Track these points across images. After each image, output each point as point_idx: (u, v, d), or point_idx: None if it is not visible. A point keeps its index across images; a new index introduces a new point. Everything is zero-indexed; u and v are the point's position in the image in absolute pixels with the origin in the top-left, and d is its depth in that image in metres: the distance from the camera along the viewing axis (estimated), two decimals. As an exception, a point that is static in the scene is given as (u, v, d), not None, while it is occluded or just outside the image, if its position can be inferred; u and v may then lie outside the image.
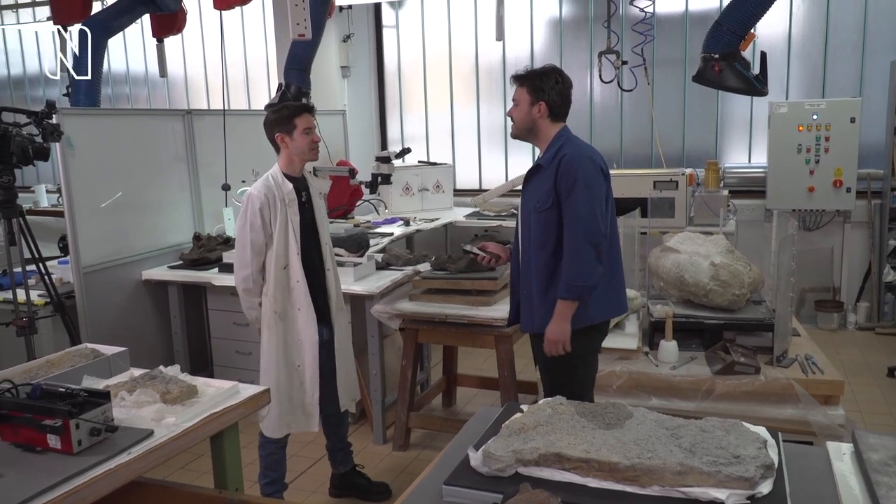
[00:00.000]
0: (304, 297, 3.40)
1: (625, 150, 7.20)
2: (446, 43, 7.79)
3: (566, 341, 2.95)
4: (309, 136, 3.36)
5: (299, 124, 3.34)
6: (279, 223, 3.33)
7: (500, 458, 1.84)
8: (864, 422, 4.49)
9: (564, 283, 2.90)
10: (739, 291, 3.65)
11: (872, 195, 6.39)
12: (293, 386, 3.45)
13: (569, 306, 2.93)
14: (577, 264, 2.88)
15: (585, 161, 2.93)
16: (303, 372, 3.44)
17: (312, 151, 3.41)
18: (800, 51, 6.60)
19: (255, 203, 3.30)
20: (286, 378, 3.43)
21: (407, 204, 6.81)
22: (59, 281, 4.47)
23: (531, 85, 3.02)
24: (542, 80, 3.01)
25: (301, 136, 3.35)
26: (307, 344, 3.42)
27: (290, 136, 3.35)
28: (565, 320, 2.94)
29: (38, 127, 3.84)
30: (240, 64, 8.66)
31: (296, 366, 3.44)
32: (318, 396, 3.47)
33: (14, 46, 10.15)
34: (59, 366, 2.79)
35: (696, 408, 3.33)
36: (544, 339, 2.99)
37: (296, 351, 3.44)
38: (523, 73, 3.07)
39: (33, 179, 9.33)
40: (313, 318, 3.42)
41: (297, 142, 3.35)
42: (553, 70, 3.06)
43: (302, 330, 3.42)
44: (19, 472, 2.02)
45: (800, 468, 1.92)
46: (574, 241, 2.88)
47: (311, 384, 3.45)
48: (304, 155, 3.40)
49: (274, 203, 3.32)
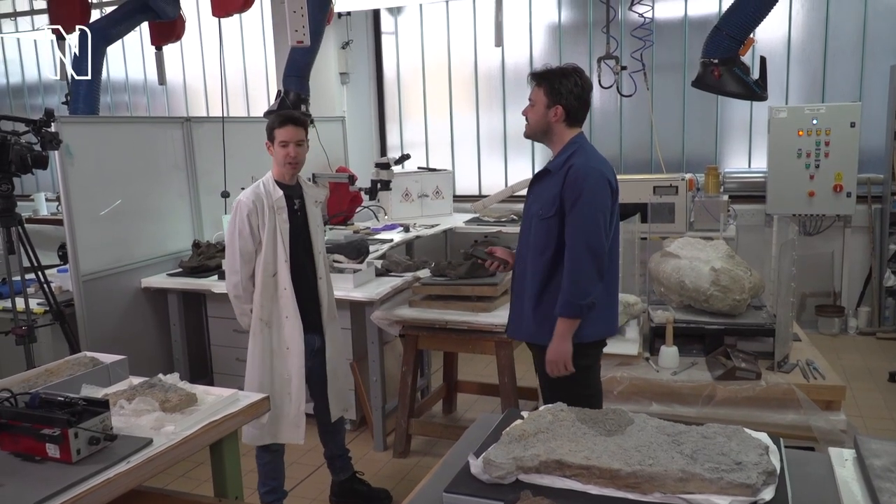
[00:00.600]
0: (292, 305, 3.37)
1: (625, 155, 7.20)
2: (445, 49, 7.80)
3: (567, 361, 2.86)
4: (284, 148, 3.34)
5: (278, 136, 3.34)
6: (267, 230, 3.32)
7: (500, 466, 1.83)
8: (865, 427, 4.47)
9: (564, 300, 2.80)
10: (740, 296, 3.64)
11: (873, 199, 6.39)
12: (281, 395, 3.41)
13: (569, 325, 2.82)
14: (578, 281, 2.78)
15: (594, 173, 2.81)
16: (290, 382, 3.41)
17: (287, 165, 3.37)
18: (799, 55, 6.60)
19: (243, 210, 3.31)
20: (272, 387, 3.38)
21: (407, 210, 6.81)
22: (59, 289, 4.46)
23: (549, 86, 2.88)
24: (561, 83, 2.86)
25: (278, 147, 3.35)
26: (294, 353, 3.40)
27: (273, 146, 3.37)
28: (565, 339, 2.83)
29: (37, 135, 3.84)
30: (239, 71, 8.67)
31: (283, 375, 3.41)
32: (304, 407, 3.44)
33: (13, 55, 10.16)
34: (57, 374, 2.79)
35: (698, 413, 3.31)
36: (545, 359, 2.90)
37: (283, 359, 3.41)
38: (542, 72, 2.92)
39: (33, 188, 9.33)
40: (300, 326, 3.39)
41: (276, 153, 3.36)
42: (574, 71, 2.90)
43: (289, 338, 3.39)
44: (18, 482, 2.02)
45: (802, 474, 1.91)
46: (575, 257, 2.79)
47: (298, 394, 3.42)
48: (279, 166, 3.39)
49: (262, 210, 3.31)
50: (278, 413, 3.39)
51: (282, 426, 3.42)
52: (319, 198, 3.61)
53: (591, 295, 2.79)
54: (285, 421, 3.42)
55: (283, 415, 3.41)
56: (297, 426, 3.43)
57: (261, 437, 3.41)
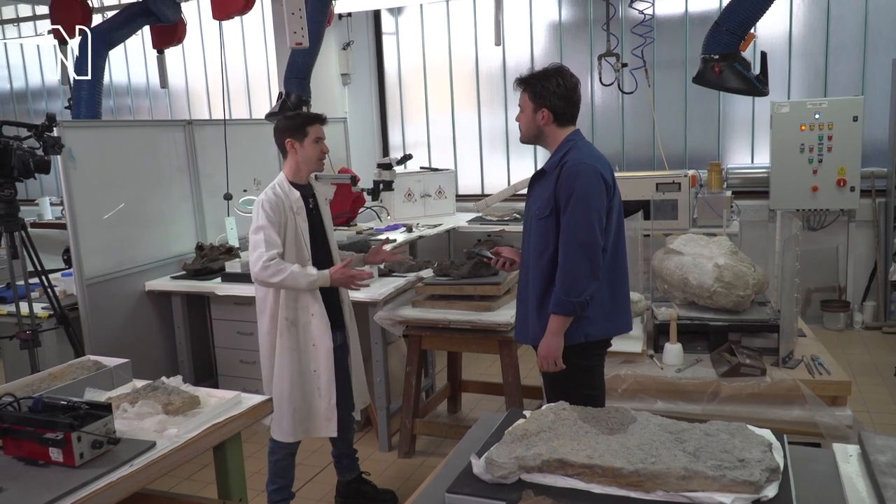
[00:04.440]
0: (317, 303, 3.41)
1: (627, 152, 7.19)
2: (446, 48, 7.80)
3: (558, 358, 2.84)
4: (318, 145, 3.42)
5: (311, 133, 3.39)
6: (289, 231, 3.36)
7: (502, 465, 1.83)
8: (872, 422, 4.46)
9: (556, 298, 2.78)
10: (744, 293, 3.63)
11: (877, 193, 6.37)
12: (311, 392, 3.45)
13: (561, 322, 2.80)
14: (569, 279, 2.76)
15: (586, 169, 2.77)
16: (319, 377, 3.44)
17: (320, 162, 3.46)
18: (801, 50, 6.58)
19: (266, 207, 3.30)
20: (302, 384, 3.43)
21: (409, 210, 6.81)
22: (63, 293, 4.47)
23: (532, 91, 2.88)
24: (543, 85, 2.85)
25: (311, 144, 3.40)
26: (322, 349, 3.43)
27: (301, 144, 3.39)
28: (556, 336, 2.82)
29: (39, 140, 3.85)
30: (240, 74, 8.70)
31: (312, 371, 3.45)
32: (335, 401, 3.46)
33: (16, 60, 10.20)
34: (61, 378, 2.80)
35: (703, 410, 3.30)
36: (537, 354, 2.90)
37: (311, 357, 3.44)
38: (524, 77, 2.92)
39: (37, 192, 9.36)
40: (327, 323, 3.42)
41: (307, 150, 3.40)
42: (555, 72, 2.87)
43: (316, 336, 3.42)
44: (22, 486, 2.02)
45: (806, 471, 1.90)
46: (568, 254, 2.77)
47: (328, 389, 3.45)
48: (310, 164, 3.44)
49: (283, 212, 3.34)
50: (309, 410, 3.45)
51: (314, 422, 3.47)
52: (328, 195, 3.64)
53: (585, 293, 2.76)
54: (318, 416, 3.46)
55: (314, 411, 3.45)
56: (330, 419, 3.46)
57: (293, 433, 3.44)
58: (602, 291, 2.87)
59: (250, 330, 4.64)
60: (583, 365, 2.93)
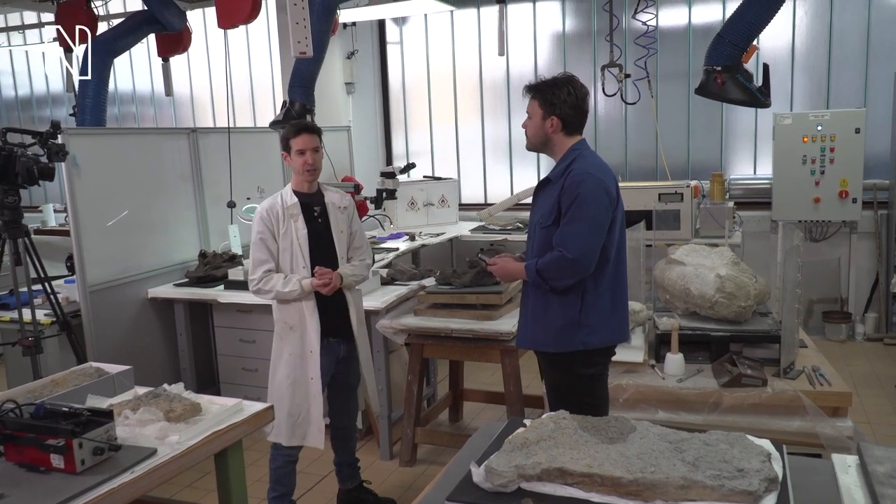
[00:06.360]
0: (312, 310, 3.43)
1: (629, 162, 7.21)
2: (450, 58, 7.83)
3: (511, 276, 3.07)
4: (301, 157, 3.44)
5: (293, 145, 3.44)
6: (282, 237, 3.42)
7: (502, 474, 1.83)
8: (873, 433, 4.45)
9: (533, 268, 2.88)
10: (745, 303, 3.63)
11: (879, 205, 6.37)
12: (308, 398, 3.46)
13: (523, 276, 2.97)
14: (548, 275, 2.85)
15: (591, 179, 2.80)
16: (316, 384, 3.46)
17: (306, 173, 3.47)
18: (804, 62, 6.60)
19: (256, 218, 3.47)
20: (298, 390, 3.45)
21: (412, 219, 6.82)
22: (66, 300, 4.48)
23: (542, 98, 2.90)
24: (554, 93, 2.87)
25: (295, 156, 3.45)
26: (316, 357, 3.45)
27: (290, 156, 3.47)
28: (514, 279, 3.17)
29: (44, 147, 3.87)
30: (245, 82, 8.73)
31: (309, 378, 3.47)
32: (322, 412, 3.47)
33: (21, 68, 10.24)
34: (63, 385, 2.80)
35: (703, 421, 3.30)
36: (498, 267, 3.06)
37: (309, 363, 3.46)
38: (534, 84, 2.95)
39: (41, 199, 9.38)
40: (318, 331, 3.44)
41: (294, 161, 3.47)
42: (566, 81, 2.91)
43: (311, 343, 3.45)
44: (23, 493, 2.03)
45: (804, 481, 1.90)
46: (557, 260, 2.81)
47: (317, 398, 3.46)
48: (299, 174, 3.49)
49: (277, 218, 3.42)
50: (307, 416, 3.46)
51: (310, 429, 3.48)
52: (343, 203, 3.63)
53: (555, 284, 2.87)
54: (314, 424, 3.47)
55: (312, 419, 3.47)
56: (320, 430, 3.48)
57: (288, 437, 3.45)
58: (603, 301, 2.89)
59: (253, 338, 4.66)
60: (584, 374, 2.94)
